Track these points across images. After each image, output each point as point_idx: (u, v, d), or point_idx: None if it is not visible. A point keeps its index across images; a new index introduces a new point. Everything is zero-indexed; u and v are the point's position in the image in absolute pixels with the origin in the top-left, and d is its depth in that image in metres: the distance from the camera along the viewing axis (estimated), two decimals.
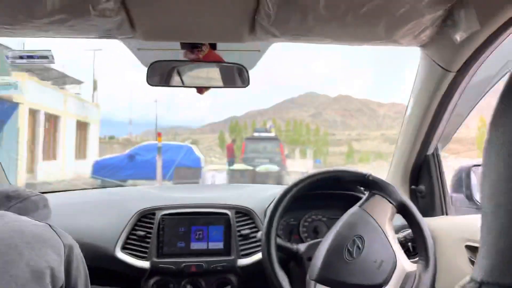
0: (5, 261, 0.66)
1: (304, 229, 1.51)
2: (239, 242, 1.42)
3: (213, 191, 1.68)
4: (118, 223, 1.40)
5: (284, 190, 1.23)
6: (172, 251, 1.38)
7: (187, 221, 1.41)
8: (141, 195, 1.58)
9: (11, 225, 0.72)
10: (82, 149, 17.88)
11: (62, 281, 0.75)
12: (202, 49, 1.20)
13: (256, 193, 1.63)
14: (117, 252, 1.35)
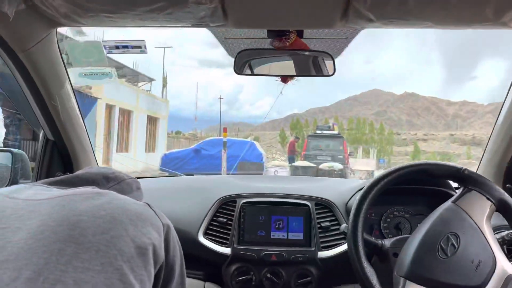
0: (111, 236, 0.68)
1: (385, 224, 1.45)
2: (319, 234, 1.40)
3: (292, 182, 1.67)
4: (201, 209, 1.44)
5: (371, 183, 1.18)
6: (253, 239, 1.39)
7: (267, 210, 1.41)
8: (222, 183, 1.61)
9: (116, 203, 0.75)
10: (152, 143, 18.82)
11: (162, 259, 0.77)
12: (289, 37, 1.19)
13: (336, 186, 1.59)
14: (199, 237, 1.39)
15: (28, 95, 1.28)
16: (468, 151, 46.89)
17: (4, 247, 0.63)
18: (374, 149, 40.79)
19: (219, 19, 1.06)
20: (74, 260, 0.63)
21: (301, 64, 1.28)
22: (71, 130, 1.45)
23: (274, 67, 1.27)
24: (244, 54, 1.24)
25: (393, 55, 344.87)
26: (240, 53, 1.23)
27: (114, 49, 1.29)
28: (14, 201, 0.73)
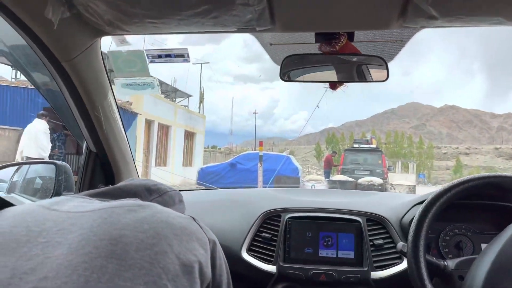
0: (155, 252, 0.62)
1: (444, 243, 1.32)
2: (372, 252, 1.29)
3: (340, 196, 1.57)
4: (243, 224, 1.37)
5: (433, 196, 1.07)
6: (299, 256, 1.30)
7: (315, 226, 1.32)
8: (265, 196, 1.54)
9: (159, 216, 0.69)
10: (189, 157, 19.11)
11: (209, 279, 0.70)
12: (339, 40, 1.12)
13: (388, 200, 1.48)
14: (243, 254, 1.32)
15: (72, 106, 1.27)
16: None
17: (43, 263, 0.59)
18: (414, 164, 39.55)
19: (266, 23, 1.00)
20: (116, 279, 0.58)
21: (351, 69, 1.19)
22: (113, 141, 1.43)
23: (322, 73, 1.20)
24: (291, 60, 1.17)
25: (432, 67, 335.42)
26: (287, 59, 1.16)
27: (157, 58, 1.26)
28: (56, 213, 0.69)
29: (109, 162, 1.48)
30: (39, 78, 1.33)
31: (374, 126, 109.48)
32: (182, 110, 18.76)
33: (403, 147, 47.83)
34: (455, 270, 1.05)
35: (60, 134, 7.54)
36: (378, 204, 1.41)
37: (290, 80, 1.19)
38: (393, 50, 1.21)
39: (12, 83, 12.21)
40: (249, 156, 15.40)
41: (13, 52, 1.25)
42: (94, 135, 1.39)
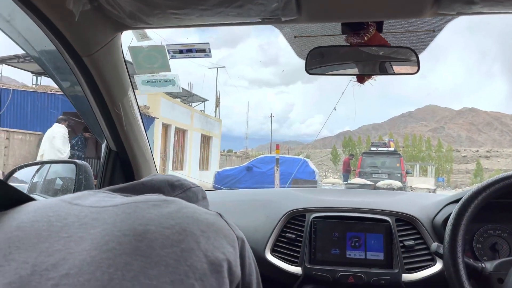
0: (181, 249, 0.58)
1: (479, 245, 1.25)
2: (403, 254, 1.23)
3: (367, 196, 1.51)
4: (267, 224, 1.33)
5: (471, 193, 1.01)
6: (326, 257, 1.24)
7: (342, 226, 1.26)
8: (288, 196, 1.49)
9: (185, 212, 0.66)
10: (205, 161, 19.19)
11: (238, 278, 0.66)
12: (368, 31, 1.07)
13: (418, 199, 1.42)
14: (267, 255, 1.27)
15: (92, 103, 1.25)
16: None
17: (65, 259, 0.55)
18: (432, 167, 38.87)
19: (291, 12, 0.96)
20: (141, 276, 0.54)
21: (379, 61, 1.14)
22: (134, 140, 1.41)
23: (349, 65, 1.15)
24: (317, 52, 1.13)
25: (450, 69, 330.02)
26: (312, 51, 1.12)
27: (178, 54, 1.23)
28: (78, 208, 0.65)
29: (129, 161, 1.45)
30: (63, 80, 1.32)
31: (391, 129, 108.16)
32: (198, 114, 18.86)
33: (421, 150, 47.09)
34: (494, 272, 0.99)
35: (80, 138, 7.64)
36: (407, 203, 1.35)
37: (315, 73, 1.15)
38: (424, 41, 1.16)
39: (33, 88, 12.48)
40: (265, 160, 15.35)
41: (40, 55, 1.24)
42: (114, 133, 1.36)
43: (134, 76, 1.33)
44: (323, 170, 37.86)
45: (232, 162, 24.65)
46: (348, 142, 50.44)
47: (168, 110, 14.86)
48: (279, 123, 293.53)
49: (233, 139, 78.95)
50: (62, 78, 1.33)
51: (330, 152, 53.84)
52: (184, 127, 16.80)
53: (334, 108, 4.83)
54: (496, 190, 1.01)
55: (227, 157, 26.95)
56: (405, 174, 15.26)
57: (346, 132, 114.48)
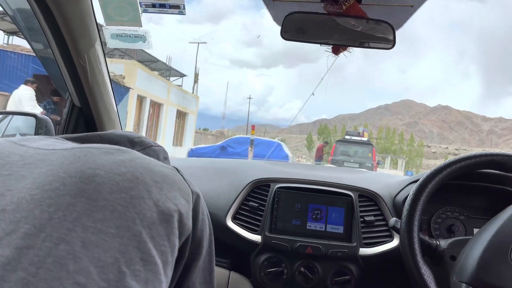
0: (131, 196, 0.56)
1: (436, 225, 1.28)
2: (362, 229, 1.24)
3: (333, 171, 1.51)
4: (231, 191, 1.31)
5: (432, 171, 1.02)
6: (286, 228, 1.24)
7: (305, 197, 1.26)
8: (255, 166, 1.48)
9: (139, 162, 0.63)
10: (179, 137, 19.01)
11: (189, 231, 0.64)
12: (347, 0, 1.04)
13: (382, 178, 1.43)
14: (228, 222, 1.26)
15: (56, 52, 1.19)
16: None
17: (3, 195, 0.52)
18: (403, 160, 39.89)
19: None
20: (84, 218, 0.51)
21: (356, 33, 1.12)
22: (99, 96, 1.35)
23: (325, 34, 1.13)
24: (293, 17, 1.10)
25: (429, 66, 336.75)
26: (289, 16, 1.09)
27: (150, 8, 1.17)
28: (23, 148, 0.61)
29: (93, 118, 1.40)
30: (35, 41, 1.25)
31: (367, 121, 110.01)
32: (175, 89, 18.56)
33: (394, 143, 48.17)
34: (448, 249, 1.01)
35: (48, 102, 7.37)
36: (371, 181, 1.36)
37: (292, 38, 1.12)
38: (402, 16, 1.14)
39: (3, 47, 11.92)
40: (240, 140, 15.35)
41: (16, 13, 1.17)
42: (78, 87, 1.30)
43: (103, 29, 1.27)
44: (297, 155, 38.26)
45: (207, 140, 24.53)
46: (324, 130, 51.02)
47: (144, 82, 14.54)
48: (258, 106, 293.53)
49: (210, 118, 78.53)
50: (35, 39, 1.25)
51: (306, 138, 54.37)
52: (160, 100, 16.51)
53: (312, 93, 4.85)
54: (457, 169, 1.02)
55: (202, 135, 26.77)
56: (376, 164, 15.57)
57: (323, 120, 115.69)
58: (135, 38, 1.28)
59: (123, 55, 16.51)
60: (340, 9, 1.07)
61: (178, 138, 18.92)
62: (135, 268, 0.52)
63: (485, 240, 0.92)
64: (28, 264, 0.45)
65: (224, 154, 15.00)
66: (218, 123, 46.12)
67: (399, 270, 1.21)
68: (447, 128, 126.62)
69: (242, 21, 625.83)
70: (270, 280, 1.23)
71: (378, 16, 1.12)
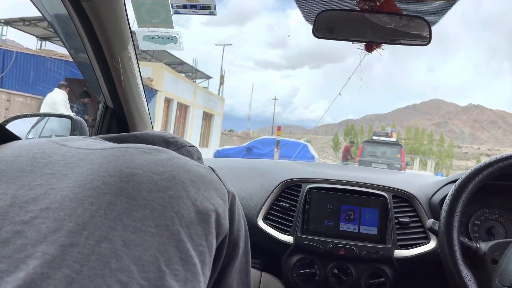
0: (169, 195, 0.56)
1: (474, 228, 1.23)
2: (397, 230, 1.20)
3: (366, 172, 1.48)
4: (262, 192, 1.30)
5: (472, 171, 0.98)
6: (319, 229, 1.22)
7: (337, 198, 1.24)
8: (286, 167, 1.46)
9: (176, 161, 0.63)
10: (206, 138, 19.18)
11: (226, 231, 0.63)
12: None
13: (416, 179, 1.39)
14: (259, 222, 1.25)
15: (91, 54, 1.21)
16: None
17: (46, 193, 0.53)
18: (432, 161, 38.89)
19: None
20: (124, 217, 0.51)
21: (390, 30, 1.09)
22: (131, 98, 1.37)
23: (358, 31, 1.10)
24: (325, 15, 1.08)
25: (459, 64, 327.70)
26: (321, 13, 1.07)
27: (182, 9, 1.18)
28: (65, 148, 0.63)
29: (125, 119, 1.42)
30: (72, 46, 1.29)
31: (395, 121, 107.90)
32: (201, 91, 18.75)
33: (423, 143, 47.03)
34: (489, 253, 0.97)
35: (80, 104, 7.59)
36: (406, 181, 1.32)
37: (325, 36, 1.10)
38: (439, 11, 1.11)
39: (37, 52, 12.36)
40: (266, 141, 15.33)
41: (53, 19, 1.21)
42: (111, 89, 1.33)
43: (136, 31, 1.29)
44: (323, 156, 37.94)
45: (233, 141, 24.66)
46: (350, 130, 50.39)
47: (171, 84, 14.76)
48: (283, 107, 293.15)
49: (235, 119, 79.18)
50: (71, 43, 1.29)
51: (332, 139, 53.83)
52: (187, 102, 16.72)
53: (339, 93, 4.79)
54: (498, 169, 0.98)
55: (228, 136, 26.93)
56: (405, 165, 15.23)
57: (349, 121, 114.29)
58: (167, 40, 1.29)
59: (151, 58, 16.83)
60: (373, 6, 1.05)
61: (204, 140, 19.09)
62: (175, 267, 0.52)
63: None
64: (73, 261, 0.46)
65: (249, 155, 15.04)
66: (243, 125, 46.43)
67: (435, 273, 1.17)
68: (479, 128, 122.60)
69: (267, 22, 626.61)
70: (302, 282, 1.21)
71: (413, 11, 1.09)
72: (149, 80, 11.73)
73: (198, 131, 18.08)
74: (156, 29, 1.27)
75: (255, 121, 79.65)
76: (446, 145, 50.06)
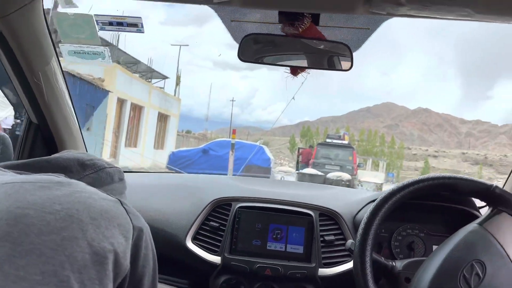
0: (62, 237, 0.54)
1: (396, 243, 1.29)
2: (322, 248, 1.24)
3: (297, 188, 1.51)
4: (191, 211, 1.30)
5: (386, 195, 1.03)
6: (246, 248, 1.24)
7: (266, 217, 1.26)
8: (219, 184, 1.47)
9: (77, 196, 0.60)
10: (161, 140, 18.81)
11: (126, 270, 0.62)
12: (303, 22, 1.04)
13: (344, 196, 1.43)
14: (187, 242, 1.24)
15: (9, 70, 1.15)
16: (479, 171, 46.28)
17: None
18: (384, 162, 40.43)
19: None
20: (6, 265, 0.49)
21: (314, 55, 1.13)
22: (57, 112, 1.32)
23: (283, 56, 1.13)
24: (251, 39, 1.09)
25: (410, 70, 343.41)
26: (246, 37, 1.08)
27: (107, 26, 1.15)
28: None
29: (51, 135, 1.36)
30: None
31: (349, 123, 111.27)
32: (157, 91, 18.38)
33: (375, 145, 48.73)
34: (403, 271, 1.02)
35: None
36: (333, 199, 1.37)
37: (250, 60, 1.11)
38: (360, 38, 1.15)
39: None
40: (222, 143, 15.27)
41: None
42: (34, 104, 1.27)
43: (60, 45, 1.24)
44: (280, 158, 38.40)
45: (189, 143, 24.36)
46: (306, 132, 51.33)
47: (125, 84, 14.34)
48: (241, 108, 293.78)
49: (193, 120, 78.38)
50: None
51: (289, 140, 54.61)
52: (141, 103, 16.32)
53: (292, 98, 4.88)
54: (410, 192, 1.03)
55: (185, 138, 26.58)
56: (357, 167, 15.73)
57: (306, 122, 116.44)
58: (94, 55, 1.26)
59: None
60: (297, 31, 1.07)
61: (160, 141, 18.72)
62: None
63: (437, 264, 0.93)
64: None
65: (206, 157, 14.92)
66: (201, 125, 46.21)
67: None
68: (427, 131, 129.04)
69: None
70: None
71: (336, 38, 1.13)
72: (100, 81, 11.34)
73: (153, 132, 17.70)
74: (82, 44, 1.23)
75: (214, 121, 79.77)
76: (397, 147, 52.21)
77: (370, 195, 1.35)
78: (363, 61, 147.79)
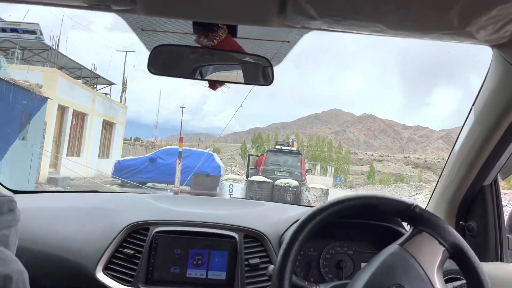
0: None
1: (325, 262, 1.25)
2: (246, 273, 1.16)
3: (221, 207, 1.42)
4: (104, 237, 1.17)
5: (307, 216, 0.97)
6: (164, 277, 1.13)
7: (185, 242, 1.16)
8: (135, 205, 1.34)
9: None
10: (106, 149, 18.07)
11: None
12: (217, 33, 0.97)
13: (272, 213, 1.37)
14: (97, 273, 1.12)
15: None
16: (420, 174, 48.90)
17: None
18: (332, 167, 41.60)
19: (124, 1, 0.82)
20: None
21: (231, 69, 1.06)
22: None
23: (198, 69, 1.04)
24: (162, 50, 1.00)
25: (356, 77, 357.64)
26: (157, 48, 0.99)
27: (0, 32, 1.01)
28: None
29: None
30: None
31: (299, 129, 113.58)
32: (101, 98, 17.64)
33: (324, 151, 49.98)
34: None
35: None
36: (260, 218, 1.30)
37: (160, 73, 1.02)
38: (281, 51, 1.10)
39: None
40: (170, 151, 14.95)
41: None
42: None
43: None
44: (231, 164, 38.26)
45: (137, 151, 23.62)
46: (257, 139, 51.63)
47: (66, 91, 13.62)
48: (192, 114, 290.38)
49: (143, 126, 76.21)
50: None
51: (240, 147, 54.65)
52: (85, 110, 15.58)
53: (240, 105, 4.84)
54: (333, 213, 0.98)
55: (132, 146, 25.72)
56: (305, 173, 15.99)
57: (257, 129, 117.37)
58: None
59: (45, 62, 15.34)
60: (211, 43, 0.99)
61: (105, 150, 17.96)
62: None
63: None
64: None
65: (153, 165, 14.50)
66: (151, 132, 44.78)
67: None
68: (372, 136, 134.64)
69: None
70: None
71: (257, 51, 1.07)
72: (37, 87, 10.62)
73: (98, 141, 16.95)
74: None
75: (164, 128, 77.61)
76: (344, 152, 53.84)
77: (298, 213, 1.30)
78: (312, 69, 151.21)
